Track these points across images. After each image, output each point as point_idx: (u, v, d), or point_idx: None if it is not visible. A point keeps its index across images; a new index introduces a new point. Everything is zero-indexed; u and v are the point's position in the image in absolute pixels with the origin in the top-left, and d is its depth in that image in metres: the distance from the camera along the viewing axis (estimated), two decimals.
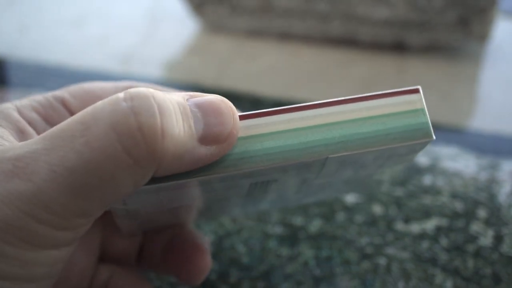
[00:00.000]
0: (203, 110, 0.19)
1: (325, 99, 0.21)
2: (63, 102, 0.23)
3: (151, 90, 0.17)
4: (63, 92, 0.23)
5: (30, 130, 0.21)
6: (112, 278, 0.25)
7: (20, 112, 0.21)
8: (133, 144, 0.17)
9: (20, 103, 0.22)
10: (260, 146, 0.20)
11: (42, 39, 0.54)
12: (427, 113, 0.21)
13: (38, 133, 0.22)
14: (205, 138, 0.18)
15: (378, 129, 0.20)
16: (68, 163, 0.16)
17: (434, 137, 0.21)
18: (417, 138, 0.21)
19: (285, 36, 0.54)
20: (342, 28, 0.51)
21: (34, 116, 0.22)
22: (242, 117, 0.20)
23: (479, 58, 0.51)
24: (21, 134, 0.21)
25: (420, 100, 0.21)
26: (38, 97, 0.23)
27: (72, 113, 0.23)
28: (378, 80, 0.48)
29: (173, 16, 0.59)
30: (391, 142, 0.20)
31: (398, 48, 0.52)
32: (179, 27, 0.56)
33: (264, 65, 0.50)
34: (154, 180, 0.19)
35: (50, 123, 0.22)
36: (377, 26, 0.50)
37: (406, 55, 0.51)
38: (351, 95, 0.21)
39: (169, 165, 0.18)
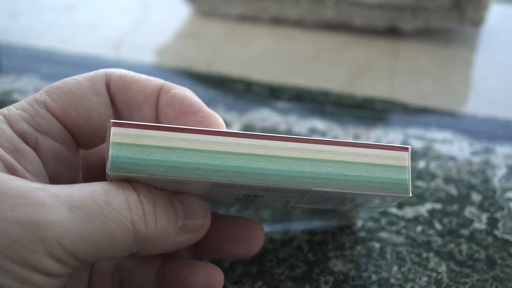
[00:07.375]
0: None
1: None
2: (46, 107, 0.23)
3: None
4: (44, 96, 0.23)
5: (23, 146, 0.22)
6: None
7: (11, 126, 0.22)
8: (139, 221, 0.20)
9: (8, 114, 0.22)
10: (255, 165, 0.21)
11: (33, 24, 0.53)
12: (410, 171, 0.23)
13: (30, 143, 0.23)
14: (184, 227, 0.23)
15: (361, 175, 0.22)
16: (88, 210, 0.19)
17: (410, 194, 0.23)
18: (394, 191, 0.22)
19: (278, 21, 0.53)
20: (336, 12, 0.51)
21: (25, 126, 0.22)
22: (237, 135, 0.21)
23: (473, 42, 0.51)
24: (17, 153, 0.22)
25: (406, 159, 0.23)
26: (23, 105, 0.23)
27: (56, 117, 0.23)
28: (372, 65, 0.48)
29: (165, 1, 0.58)
30: (370, 189, 0.22)
31: (392, 32, 0.51)
32: (171, 12, 0.56)
33: (257, 50, 0.50)
34: None
35: (40, 131, 0.23)
36: (371, 10, 0.50)
37: (400, 39, 0.51)
38: (344, 139, 0.23)
39: (152, 247, 0.22)
